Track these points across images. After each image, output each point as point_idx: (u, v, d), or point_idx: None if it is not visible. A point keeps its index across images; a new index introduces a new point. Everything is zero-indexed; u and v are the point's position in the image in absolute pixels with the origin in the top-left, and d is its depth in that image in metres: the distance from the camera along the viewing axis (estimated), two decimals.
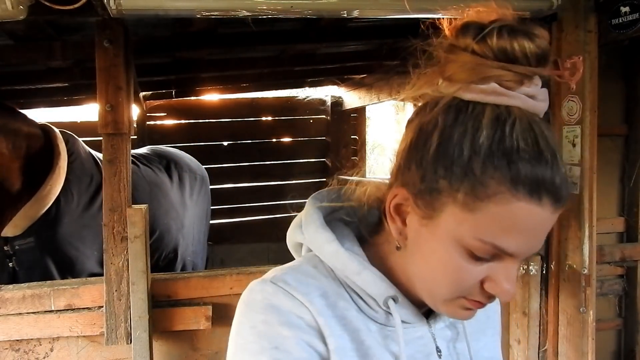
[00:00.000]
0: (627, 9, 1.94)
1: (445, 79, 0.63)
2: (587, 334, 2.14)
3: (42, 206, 2.40)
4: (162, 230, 3.20)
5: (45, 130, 2.59)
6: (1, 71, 3.28)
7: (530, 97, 0.60)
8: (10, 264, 2.39)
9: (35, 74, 3.41)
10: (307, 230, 0.73)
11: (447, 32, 0.65)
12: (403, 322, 0.69)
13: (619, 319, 2.67)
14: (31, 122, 2.56)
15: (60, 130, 2.68)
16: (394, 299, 0.68)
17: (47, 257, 2.41)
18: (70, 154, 2.61)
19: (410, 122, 0.68)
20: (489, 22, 0.61)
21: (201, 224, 3.89)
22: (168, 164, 3.63)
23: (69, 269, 2.45)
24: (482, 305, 0.66)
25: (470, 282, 0.62)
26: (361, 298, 0.69)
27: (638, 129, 2.60)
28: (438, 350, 0.73)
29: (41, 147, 2.50)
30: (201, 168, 4.05)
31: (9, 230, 2.34)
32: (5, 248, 2.38)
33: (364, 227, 0.76)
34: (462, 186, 0.59)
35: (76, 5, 1.66)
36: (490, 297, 0.64)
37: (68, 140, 2.67)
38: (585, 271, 2.13)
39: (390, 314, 0.69)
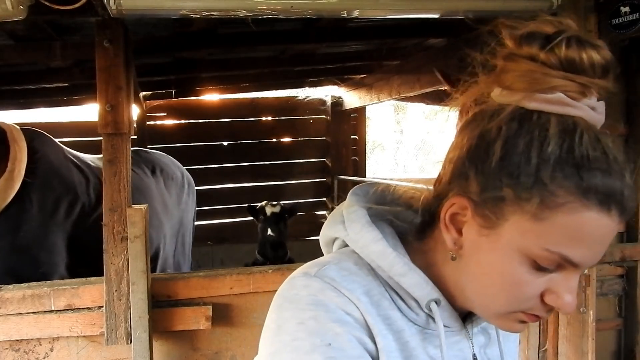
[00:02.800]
0: (627, 9, 1.94)
1: (505, 88, 0.63)
2: (587, 334, 2.14)
3: None
4: None
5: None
6: (1, 71, 3.28)
7: (592, 109, 0.60)
8: None
9: (35, 74, 3.41)
10: (351, 228, 0.71)
11: (507, 40, 0.64)
12: (444, 326, 0.68)
13: (619, 319, 2.66)
14: None
15: (25, 129, 2.47)
16: (437, 302, 0.67)
17: (2, 265, 2.22)
18: (33, 153, 2.39)
19: (463, 129, 0.67)
20: (554, 32, 0.60)
21: (186, 234, 3.72)
22: (154, 168, 3.46)
23: (30, 277, 2.19)
24: (539, 318, 0.64)
25: (530, 295, 0.61)
26: (402, 299, 0.68)
27: (638, 129, 2.60)
28: (475, 358, 0.72)
29: None
30: (187, 174, 3.89)
31: None
32: None
33: (406, 229, 0.74)
34: (530, 195, 0.58)
35: (76, 5, 1.66)
36: (550, 310, 0.63)
37: (33, 139, 2.45)
38: (585, 271, 2.13)
39: (430, 317, 0.68)
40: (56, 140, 2.72)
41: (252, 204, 2.23)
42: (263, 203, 2.27)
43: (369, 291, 0.67)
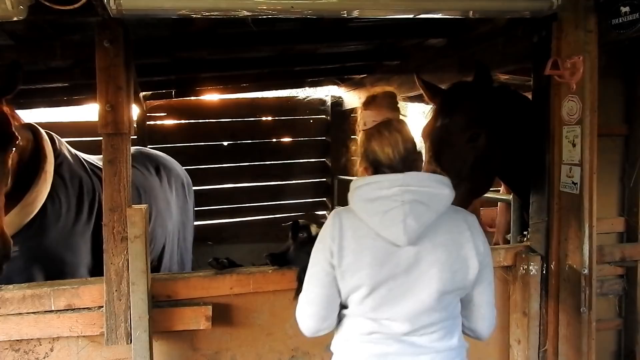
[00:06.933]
0: (627, 9, 1.94)
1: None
2: (587, 334, 2.14)
3: (28, 214, 2.26)
4: (149, 238, 3.06)
5: (32, 131, 2.43)
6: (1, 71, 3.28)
7: None
8: None
9: (35, 74, 3.41)
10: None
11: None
12: None
13: (619, 319, 2.66)
14: (23, 124, 2.42)
15: (44, 131, 2.53)
16: None
17: (33, 266, 2.27)
18: (56, 155, 2.44)
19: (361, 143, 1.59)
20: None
21: (187, 232, 3.77)
22: (158, 167, 3.50)
23: (58, 277, 2.26)
24: None
25: None
26: None
27: (638, 129, 2.60)
28: None
29: (32, 150, 2.35)
30: (185, 173, 3.95)
31: None
32: None
33: None
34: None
35: (76, 5, 1.66)
36: None
37: (54, 141, 2.50)
38: (585, 271, 2.13)
39: None
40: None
41: (298, 221, 2.19)
42: (302, 221, 2.21)
43: None
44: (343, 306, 1.46)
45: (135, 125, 4.69)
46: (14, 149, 2.14)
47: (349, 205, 1.46)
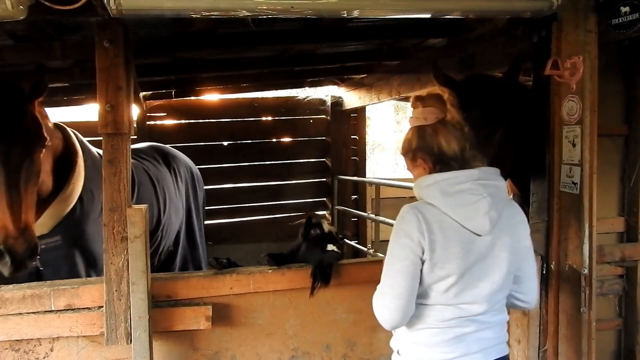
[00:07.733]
0: (627, 9, 1.94)
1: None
2: (587, 334, 2.14)
3: (67, 205, 2.40)
4: (165, 224, 3.22)
5: (59, 129, 2.58)
6: (1, 71, 3.28)
7: None
8: (34, 264, 2.28)
9: None
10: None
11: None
12: None
13: (619, 319, 2.67)
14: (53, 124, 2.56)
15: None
16: None
17: (75, 253, 2.43)
18: (83, 152, 2.59)
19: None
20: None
21: (198, 219, 3.93)
22: (166, 157, 3.67)
23: (93, 266, 2.47)
24: None
25: None
26: None
27: (638, 129, 2.60)
28: None
29: (63, 147, 2.51)
30: (194, 165, 4.12)
31: (37, 230, 2.26)
32: None
33: None
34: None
35: (76, 5, 1.66)
36: None
37: (77, 137, 2.66)
38: (585, 271, 2.13)
39: None
40: None
41: (310, 217, 2.17)
42: (314, 219, 2.16)
43: None
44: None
45: (135, 125, 4.70)
46: (43, 149, 2.24)
47: (423, 200, 1.55)
